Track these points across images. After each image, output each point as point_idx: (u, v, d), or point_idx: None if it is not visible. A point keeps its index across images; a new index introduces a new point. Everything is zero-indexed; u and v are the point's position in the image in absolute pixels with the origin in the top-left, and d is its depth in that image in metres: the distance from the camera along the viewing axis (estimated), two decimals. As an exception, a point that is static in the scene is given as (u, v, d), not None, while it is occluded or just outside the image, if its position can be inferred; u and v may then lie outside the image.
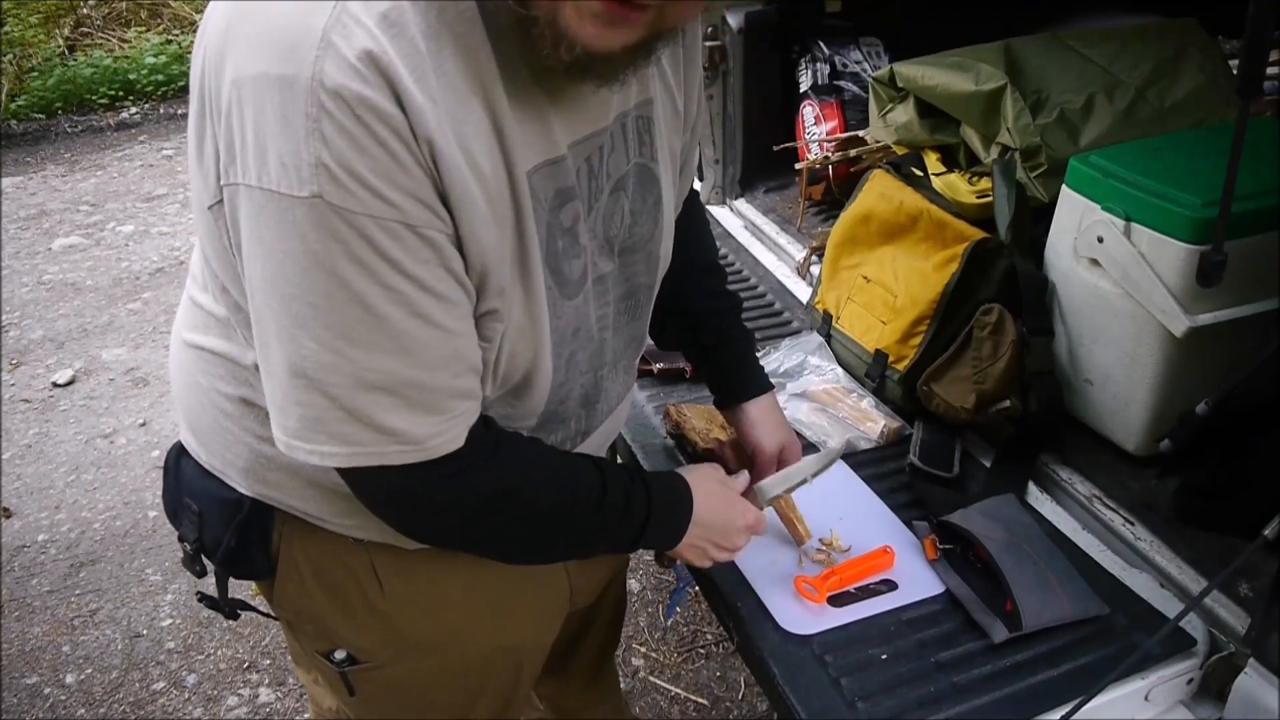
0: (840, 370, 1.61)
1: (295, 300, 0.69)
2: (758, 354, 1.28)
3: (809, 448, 1.41)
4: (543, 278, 0.81)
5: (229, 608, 0.99)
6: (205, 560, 0.96)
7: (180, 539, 0.95)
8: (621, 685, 1.66)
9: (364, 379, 0.71)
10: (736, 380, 1.21)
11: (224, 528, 0.91)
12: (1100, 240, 1.26)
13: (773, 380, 1.26)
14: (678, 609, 2.17)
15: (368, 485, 0.79)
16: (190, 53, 5.99)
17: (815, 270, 1.85)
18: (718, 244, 1.35)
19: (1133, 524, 1.24)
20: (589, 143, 0.83)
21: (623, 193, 0.89)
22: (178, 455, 0.97)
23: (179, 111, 5.76)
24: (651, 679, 2.01)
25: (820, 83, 2.24)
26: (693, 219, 1.23)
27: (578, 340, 0.89)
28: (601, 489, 0.90)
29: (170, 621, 2.22)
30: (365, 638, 0.97)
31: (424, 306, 0.71)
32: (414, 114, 0.66)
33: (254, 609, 1.01)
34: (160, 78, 5.86)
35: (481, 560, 0.94)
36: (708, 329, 1.20)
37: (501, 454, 0.83)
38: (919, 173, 1.66)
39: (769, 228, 2.16)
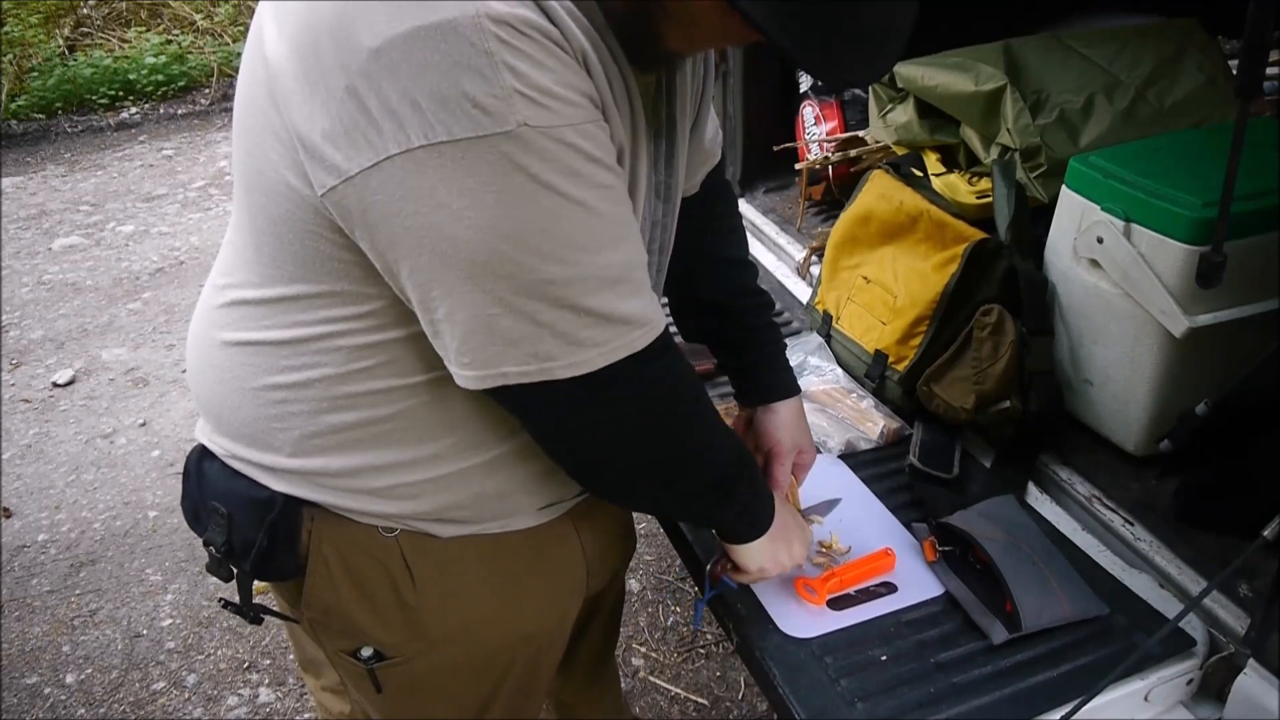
0: (840, 371, 1.61)
1: (525, 233, 0.71)
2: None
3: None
4: (643, 195, 0.86)
5: (253, 612, 0.97)
6: (232, 564, 0.95)
7: (206, 544, 0.94)
8: (621, 685, 1.66)
9: (604, 277, 0.76)
10: (765, 380, 1.21)
11: (255, 528, 0.90)
12: (1100, 241, 1.26)
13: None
14: (703, 618, 2.17)
15: (590, 391, 0.79)
16: (190, 52, 6.00)
17: (815, 270, 1.85)
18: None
19: (1132, 524, 1.24)
20: (648, 92, 0.88)
21: (661, 140, 0.93)
22: (199, 458, 0.96)
23: (179, 111, 5.76)
24: (651, 679, 2.01)
25: (820, 83, 2.24)
26: (728, 212, 1.25)
27: None
28: (733, 434, 0.97)
29: (170, 621, 2.22)
30: (393, 633, 0.97)
31: (622, 192, 0.79)
32: (563, 27, 0.71)
33: (276, 613, 1.00)
34: (160, 78, 5.86)
35: (503, 548, 0.96)
36: (738, 325, 1.20)
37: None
38: (919, 173, 1.66)
39: (769, 228, 2.16)
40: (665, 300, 1.24)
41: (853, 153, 2.03)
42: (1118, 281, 1.25)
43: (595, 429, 0.84)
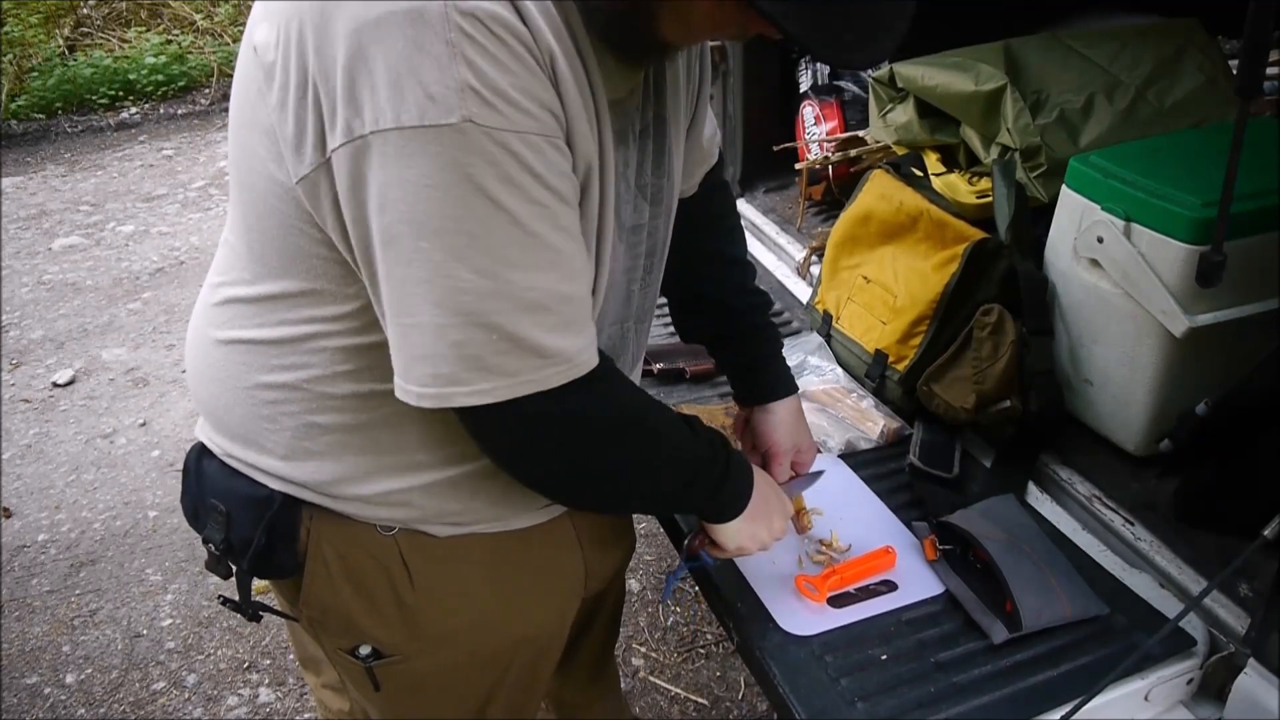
0: (840, 370, 1.61)
1: (450, 233, 0.69)
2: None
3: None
4: (612, 208, 0.84)
5: (252, 610, 0.98)
6: (231, 562, 0.95)
7: (205, 541, 0.94)
8: (621, 685, 1.66)
9: (524, 299, 0.73)
10: (762, 379, 1.21)
11: (253, 526, 0.90)
12: (1100, 240, 1.26)
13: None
14: (673, 591, 2.17)
15: (506, 420, 0.77)
16: (190, 52, 6.00)
17: (815, 270, 1.85)
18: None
19: (1133, 524, 1.24)
20: (635, 92, 0.87)
21: (648, 140, 0.92)
22: (198, 456, 0.96)
23: (179, 111, 5.76)
24: (651, 679, 2.01)
25: (820, 83, 2.24)
26: (726, 212, 1.25)
27: (613, 287, 0.92)
28: (692, 430, 0.93)
29: (170, 621, 2.22)
30: (391, 631, 0.97)
31: (564, 219, 0.75)
32: (534, 29, 0.69)
33: (275, 610, 1.00)
34: (160, 78, 5.86)
35: (501, 547, 0.95)
36: (737, 324, 1.20)
37: (619, 375, 0.86)
38: (919, 173, 1.66)
39: (769, 228, 2.16)
40: (662, 298, 1.24)
41: (853, 153, 2.03)
42: (1118, 281, 1.25)
43: (519, 455, 0.83)
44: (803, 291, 1.92)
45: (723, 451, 0.97)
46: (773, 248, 2.13)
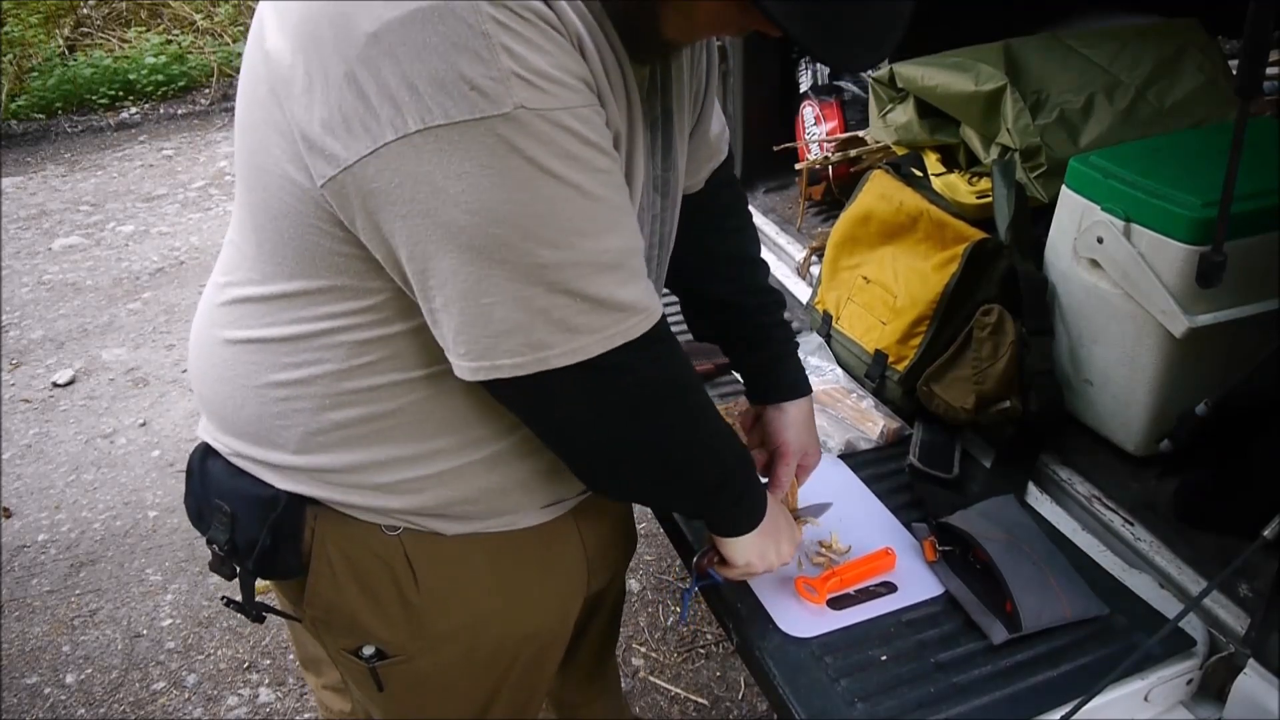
0: (840, 371, 1.61)
1: (521, 216, 0.71)
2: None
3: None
4: (640, 182, 0.86)
5: (255, 611, 0.98)
6: (235, 563, 0.95)
7: (209, 542, 0.94)
8: (622, 685, 1.66)
9: (600, 262, 0.75)
10: (776, 379, 1.20)
11: (259, 527, 0.91)
12: (1100, 241, 1.26)
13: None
14: (689, 611, 2.18)
15: (583, 380, 0.79)
16: (190, 52, 6.01)
17: (815, 270, 1.85)
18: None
19: (1133, 524, 1.24)
20: (643, 85, 0.88)
21: (657, 133, 0.93)
22: (202, 457, 0.96)
23: (179, 111, 5.77)
24: (651, 679, 2.01)
25: (820, 83, 2.24)
26: (736, 210, 1.25)
27: None
28: (729, 430, 0.96)
29: (170, 621, 2.22)
30: (396, 631, 0.97)
31: (619, 178, 0.78)
32: (559, 11, 0.71)
33: (278, 611, 1.00)
34: (160, 78, 5.86)
35: (505, 546, 0.96)
36: (749, 323, 1.20)
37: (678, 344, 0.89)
38: (919, 173, 1.66)
39: (769, 228, 2.16)
40: (674, 297, 1.24)
41: (853, 153, 2.02)
42: (1118, 281, 1.25)
43: (594, 420, 0.83)
44: (803, 291, 1.92)
45: (751, 461, 1.00)
46: (773, 248, 2.13)
